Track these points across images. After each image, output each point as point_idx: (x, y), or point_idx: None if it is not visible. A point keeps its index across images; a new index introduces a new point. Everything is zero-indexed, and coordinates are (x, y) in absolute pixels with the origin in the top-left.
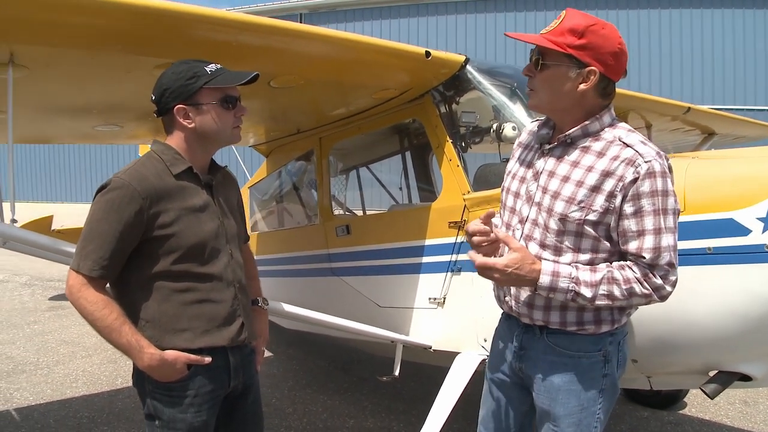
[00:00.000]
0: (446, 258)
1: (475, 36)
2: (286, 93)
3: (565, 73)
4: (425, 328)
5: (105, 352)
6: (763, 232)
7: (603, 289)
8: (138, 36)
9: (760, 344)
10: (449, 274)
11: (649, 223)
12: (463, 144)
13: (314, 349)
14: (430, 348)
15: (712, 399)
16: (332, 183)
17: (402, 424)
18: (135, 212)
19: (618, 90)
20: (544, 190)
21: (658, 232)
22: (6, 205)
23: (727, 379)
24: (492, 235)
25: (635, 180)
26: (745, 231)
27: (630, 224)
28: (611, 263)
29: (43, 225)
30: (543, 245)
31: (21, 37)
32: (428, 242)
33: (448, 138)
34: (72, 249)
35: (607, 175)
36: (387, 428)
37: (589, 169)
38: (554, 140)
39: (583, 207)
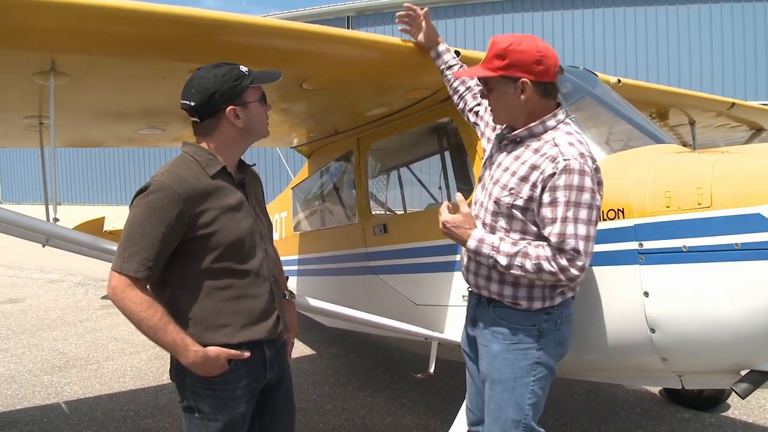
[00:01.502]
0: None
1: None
2: (320, 94)
3: (505, 90)
4: (460, 326)
5: (153, 349)
6: None
7: (517, 261)
8: (175, 43)
9: None
10: None
11: (560, 212)
12: None
13: (356, 347)
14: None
15: (743, 398)
16: (370, 183)
17: (440, 421)
18: (176, 213)
19: (658, 86)
20: (491, 178)
21: (565, 220)
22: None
23: (758, 378)
24: None
25: (553, 174)
26: None
27: (546, 212)
28: (530, 242)
29: (95, 226)
30: (483, 224)
31: (62, 46)
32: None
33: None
34: (112, 246)
35: (533, 168)
36: (424, 425)
37: (523, 162)
38: (508, 138)
39: (512, 193)
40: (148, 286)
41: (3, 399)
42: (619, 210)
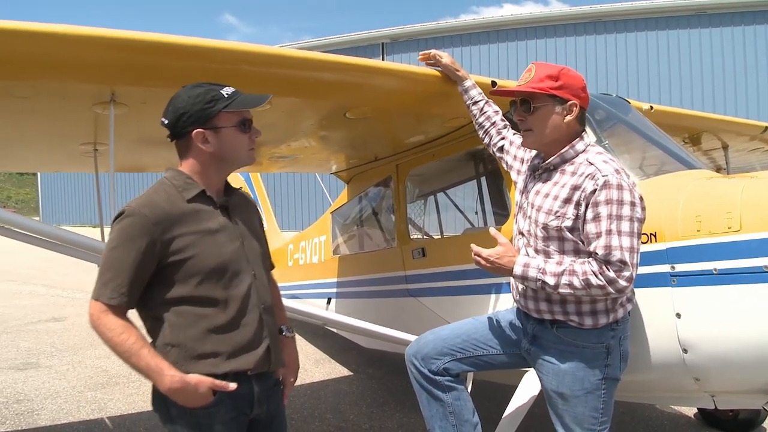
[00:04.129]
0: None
1: (554, 60)
2: (362, 123)
3: (552, 109)
4: None
5: None
6: None
7: (564, 279)
8: (225, 75)
9: None
10: None
11: (603, 225)
12: None
13: (393, 369)
14: None
15: None
16: (409, 207)
17: None
18: (147, 239)
19: (690, 112)
20: (532, 206)
21: (609, 233)
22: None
23: None
24: None
25: (594, 191)
26: None
27: (590, 228)
28: (575, 259)
29: None
30: (536, 250)
31: (122, 78)
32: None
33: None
34: None
35: (575, 188)
36: None
37: (563, 185)
38: (541, 167)
39: (559, 216)
40: (127, 313)
41: (48, 414)
42: (651, 234)
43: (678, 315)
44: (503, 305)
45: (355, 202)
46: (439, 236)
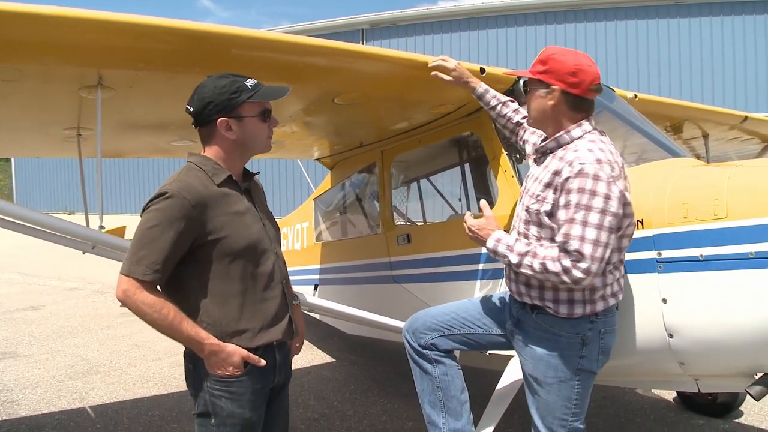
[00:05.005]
0: (503, 265)
1: (534, 48)
2: (350, 109)
3: (537, 92)
4: None
5: (174, 356)
6: None
7: (526, 260)
8: (217, 59)
9: None
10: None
11: (570, 214)
12: (517, 155)
13: (375, 355)
14: (486, 352)
15: (757, 401)
16: (394, 194)
17: None
18: (186, 219)
19: (673, 101)
20: (525, 190)
21: (572, 221)
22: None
23: None
24: None
25: (568, 177)
26: None
27: (560, 214)
28: (543, 243)
29: (119, 234)
30: (518, 233)
31: (110, 62)
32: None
33: (503, 150)
34: None
35: (555, 173)
36: None
37: (548, 170)
38: (539, 151)
39: (539, 199)
40: (159, 289)
41: (29, 403)
42: (638, 221)
43: (664, 300)
44: (487, 291)
45: (339, 188)
46: (424, 222)
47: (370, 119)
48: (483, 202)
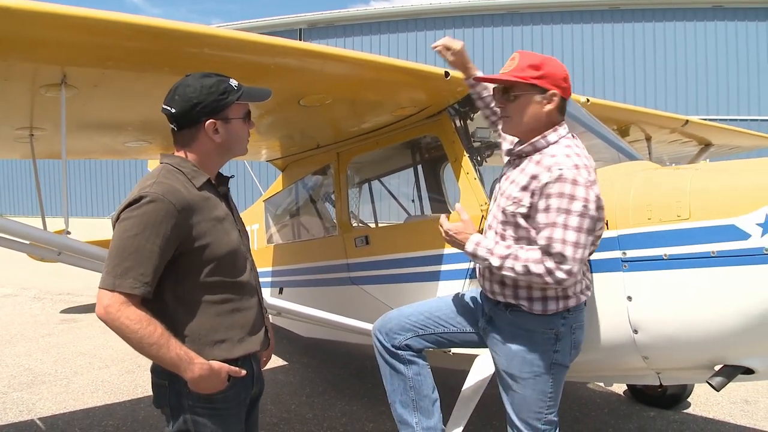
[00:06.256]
0: (465, 266)
1: (471, 49)
2: (314, 111)
3: (530, 99)
4: None
5: (122, 363)
6: (762, 236)
7: (508, 263)
8: (185, 59)
9: (762, 340)
10: (468, 280)
11: (551, 217)
12: (479, 158)
13: (327, 357)
14: (449, 352)
15: (718, 391)
16: (351, 195)
17: None
18: (172, 226)
19: (622, 105)
20: (500, 191)
21: (554, 225)
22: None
23: (731, 372)
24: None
25: (548, 183)
26: (745, 235)
27: (540, 218)
28: (523, 245)
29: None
30: (495, 233)
31: (75, 59)
32: (447, 251)
33: (465, 152)
34: None
35: (533, 177)
36: None
37: (525, 173)
38: (514, 154)
39: (515, 202)
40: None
41: None
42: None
43: (629, 298)
44: (448, 292)
45: (292, 190)
46: (382, 224)
47: (331, 121)
48: (459, 206)
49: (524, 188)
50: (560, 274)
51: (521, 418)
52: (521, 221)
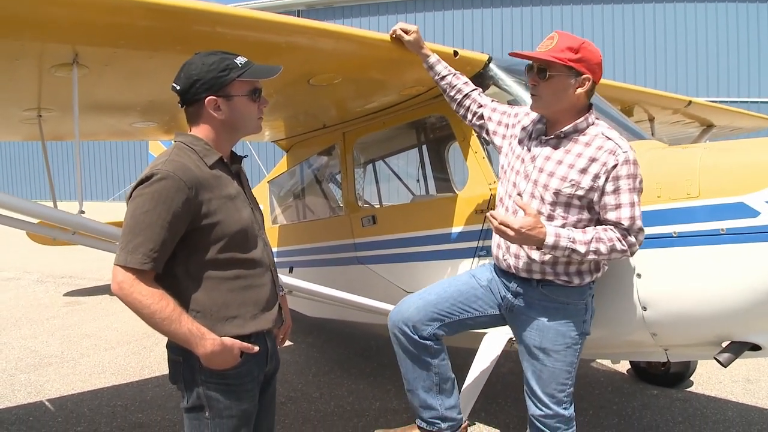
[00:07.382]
0: (473, 244)
1: (462, 30)
2: (323, 90)
3: (565, 81)
4: None
5: (128, 345)
6: None
7: (593, 247)
8: (197, 37)
9: None
10: (476, 259)
11: (625, 198)
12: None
13: (331, 337)
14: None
15: (725, 367)
16: (357, 175)
17: None
18: (183, 202)
19: (627, 85)
20: (540, 171)
21: (633, 205)
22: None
23: (738, 348)
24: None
25: (615, 165)
26: (754, 213)
27: (610, 199)
28: (596, 227)
29: None
30: (539, 213)
31: (87, 39)
32: (455, 230)
33: (473, 131)
34: None
35: (593, 160)
36: None
37: (579, 155)
38: (550, 133)
39: (573, 184)
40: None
41: None
42: None
43: (639, 275)
44: (455, 270)
45: (298, 170)
46: (389, 204)
47: (339, 101)
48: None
49: (582, 171)
50: (638, 247)
51: (547, 392)
52: (575, 202)
